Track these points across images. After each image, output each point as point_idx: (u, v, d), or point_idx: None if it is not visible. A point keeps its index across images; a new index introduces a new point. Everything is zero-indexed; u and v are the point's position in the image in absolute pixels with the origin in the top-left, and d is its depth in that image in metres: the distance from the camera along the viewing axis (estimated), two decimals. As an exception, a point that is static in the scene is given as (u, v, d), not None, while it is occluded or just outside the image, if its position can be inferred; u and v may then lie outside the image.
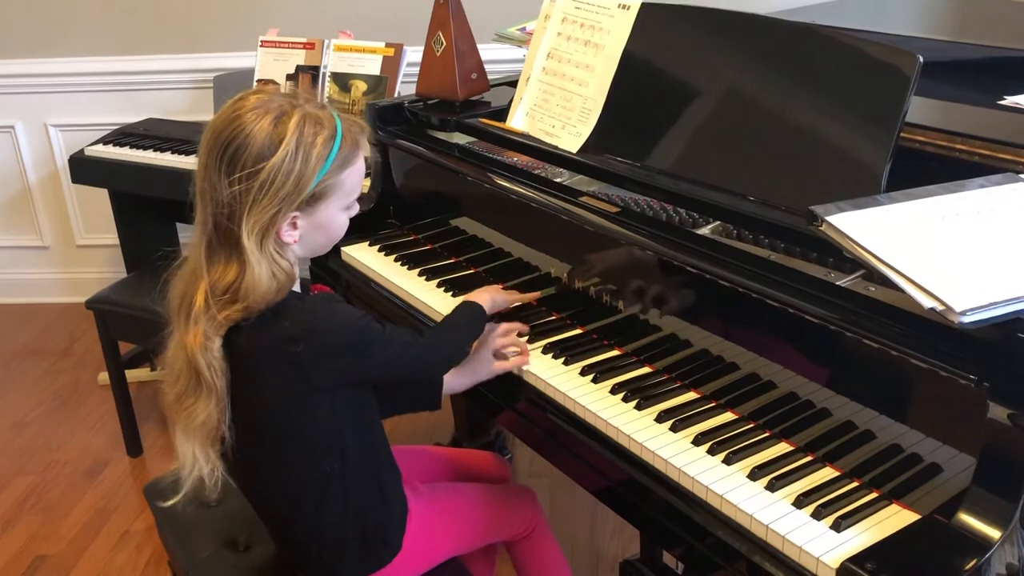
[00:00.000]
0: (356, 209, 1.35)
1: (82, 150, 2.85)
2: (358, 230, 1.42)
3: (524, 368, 1.50)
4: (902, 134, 1.32)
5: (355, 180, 1.31)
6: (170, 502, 1.39)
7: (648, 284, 1.46)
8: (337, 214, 1.30)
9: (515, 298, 1.64)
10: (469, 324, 1.51)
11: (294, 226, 1.26)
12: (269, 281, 1.23)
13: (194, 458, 1.28)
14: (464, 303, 1.54)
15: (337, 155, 1.25)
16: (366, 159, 1.34)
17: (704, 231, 1.41)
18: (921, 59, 1.29)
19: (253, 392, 1.27)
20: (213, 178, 1.22)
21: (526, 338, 1.57)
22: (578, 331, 1.60)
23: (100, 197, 3.00)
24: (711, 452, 1.26)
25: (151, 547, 2.29)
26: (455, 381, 1.51)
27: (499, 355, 1.51)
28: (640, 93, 1.64)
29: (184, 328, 1.25)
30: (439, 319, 1.70)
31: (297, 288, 1.32)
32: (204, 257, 1.25)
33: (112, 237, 3.07)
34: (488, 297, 1.55)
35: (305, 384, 1.25)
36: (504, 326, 1.54)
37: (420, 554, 1.42)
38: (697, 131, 1.54)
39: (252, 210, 1.20)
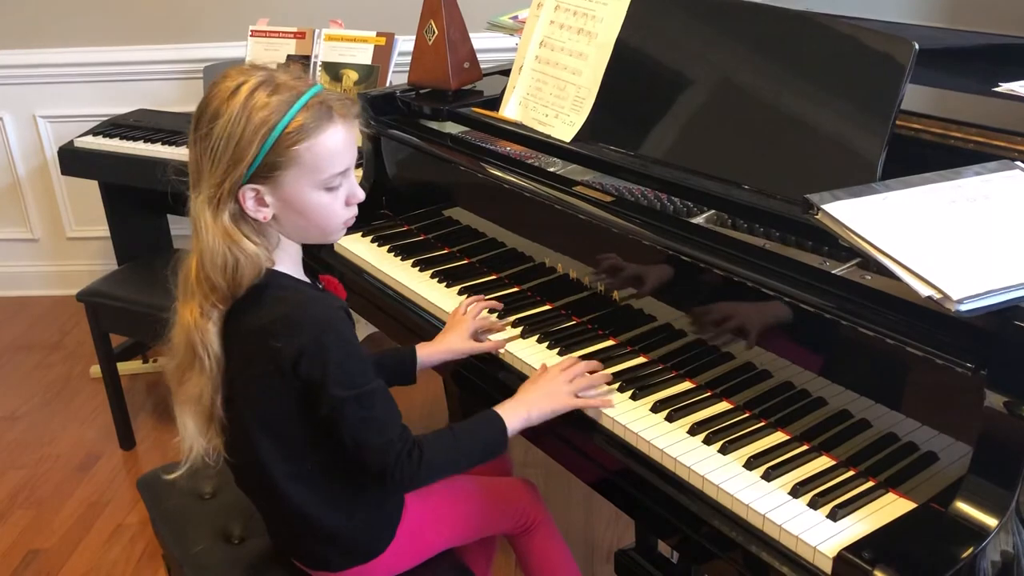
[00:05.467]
0: (357, 194, 1.26)
1: (71, 142, 2.83)
2: (350, 221, 1.41)
3: (514, 354, 1.50)
4: (898, 122, 1.31)
5: (321, 154, 1.18)
6: (171, 476, 1.36)
7: (642, 274, 1.45)
8: (309, 192, 1.20)
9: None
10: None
11: (261, 202, 1.19)
12: (223, 256, 1.17)
13: (191, 432, 1.26)
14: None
15: (294, 120, 1.15)
16: (359, 132, 1.26)
17: (699, 220, 1.41)
18: (917, 46, 1.29)
19: (236, 380, 1.25)
20: (189, 149, 1.20)
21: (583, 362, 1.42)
22: (573, 321, 1.60)
23: (90, 189, 2.98)
24: (707, 442, 1.26)
25: (145, 540, 2.29)
26: (517, 422, 1.32)
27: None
28: (634, 81, 1.63)
29: (182, 306, 1.24)
30: (432, 310, 1.70)
31: (301, 275, 1.28)
32: (193, 233, 1.22)
33: (103, 229, 3.05)
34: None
35: (278, 380, 1.21)
36: (576, 367, 1.38)
37: (413, 546, 1.41)
38: (691, 119, 1.54)
39: (205, 179, 1.17)
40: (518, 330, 1.56)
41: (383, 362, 1.53)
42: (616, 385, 1.40)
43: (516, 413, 1.32)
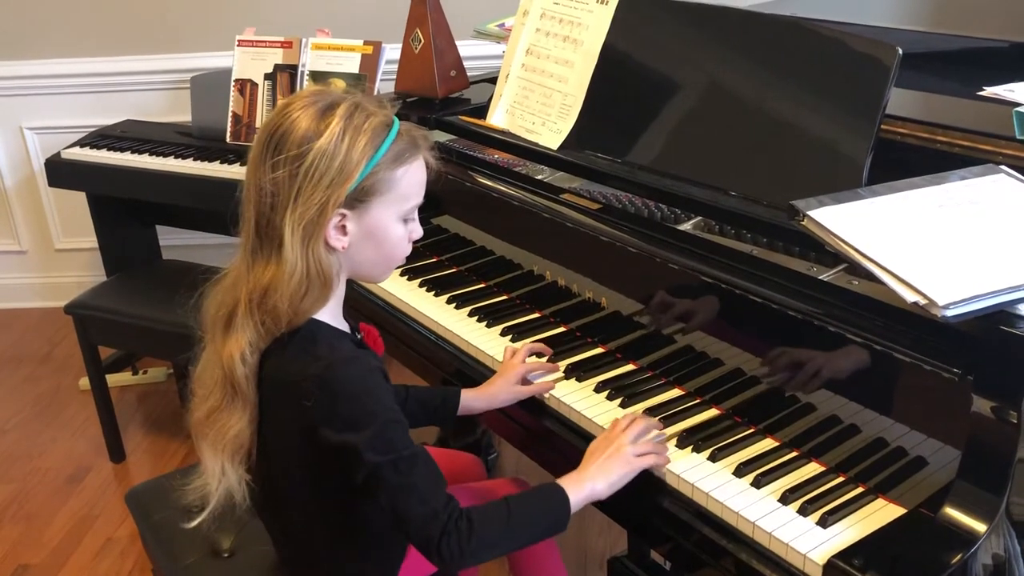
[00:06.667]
0: (418, 230, 1.23)
1: (59, 153, 2.82)
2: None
3: (495, 357, 1.49)
4: (883, 126, 1.31)
5: (412, 183, 1.19)
6: (194, 522, 1.28)
7: (630, 281, 1.45)
8: (391, 222, 1.18)
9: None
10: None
11: (343, 230, 1.16)
12: (300, 280, 1.13)
13: (222, 472, 1.20)
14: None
15: (392, 146, 1.15)
16: (429, 168, 1.22)
17: (686, 227, 1.40)
18: (901, 51, 1.29)
19: (264, 423, 1.21)
20: (259, 171, 1.14)
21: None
22: (561, 329, 1.59)
23: (78, 200, 2.96)
24: (696, 449, 1.26)
25: (135, 554, 2.27)
26: (581, 494, 1.21)
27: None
28: (620, 89, 1.63)
29: (221, 339, 1.18)
30: (420, 319, 1.69)
31: (340, 320, 1.24)
32: (247, 259, 1.17)
33: (91, 241, 3.04)
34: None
35: (304, 437, 1.16)
36: (636, 424, 1.27)
37: (418, 566, 1.40)
38: (678, 126, 1.54)
39: (297, 200, 1.11)
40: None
41: (426, 399, 1.48)
42: (606, 393, 1.40)
43: (580, 485, 1.20)
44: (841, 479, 1.18)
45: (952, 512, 1.02)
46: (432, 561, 1.15)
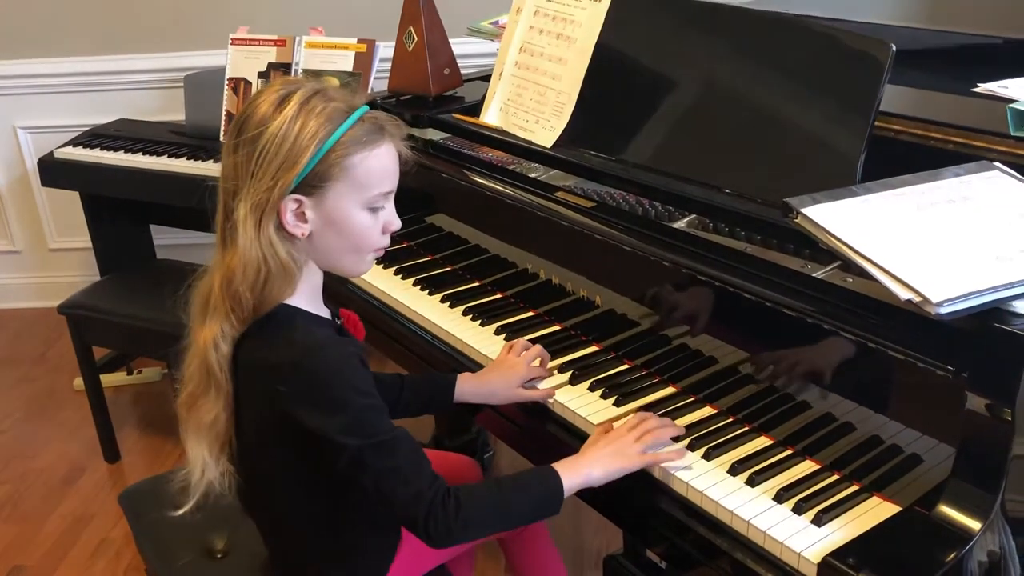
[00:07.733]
0: (394, 221, 1.22)
1: (52, 152, 2.81)
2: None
3: (481, 351, 1.49)
4: (876, 123, 1.31)
5: (371, 170, 1.16)
6: (180, 511, 1.27)
7: (624, 279, 1.45)
8: (352, 209, 1.16)
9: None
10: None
11: (302, 217, 1.14)
12: (257, 266, 1.12)
13: (204, 462, 1.21)
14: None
15: (349, 132, 1.13)
16: (403, 160, 1.21)
17: (680, 224, 1.40)
18: (894, 47, 1.29)
19: (242, 410, 1.22)
20: (225, 155, 1.15)
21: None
22: (555, 327, 1.59)
23: (72, 200, 2.95)
24: (691, 448, 1.26)
25: (129, 555, 2.26)
26: (576, 480, 1.20)
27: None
28: (614, 86, 1.63)
29: (199, 326, 1.19)
30: (414, 318, 1.69)
31: (319, 308, 1.24)
32: (220, 246, 1.18)
33: (85, 240, 3.03)
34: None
35: (282, 422, 1.16)
36: (645, 424, 1.26)
37: (413, 564, 1.39)
38: (671, 123, 1.53)
39: (251, 183, 1.12)
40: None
41: (420, 389, 1.47)
42: (600, 392, 1.40)
43: (576, 470, 1.20)
44: (835, 477, 1.18)
45: (947, 510, 1.02)
46: (420, 539, 1.16)
